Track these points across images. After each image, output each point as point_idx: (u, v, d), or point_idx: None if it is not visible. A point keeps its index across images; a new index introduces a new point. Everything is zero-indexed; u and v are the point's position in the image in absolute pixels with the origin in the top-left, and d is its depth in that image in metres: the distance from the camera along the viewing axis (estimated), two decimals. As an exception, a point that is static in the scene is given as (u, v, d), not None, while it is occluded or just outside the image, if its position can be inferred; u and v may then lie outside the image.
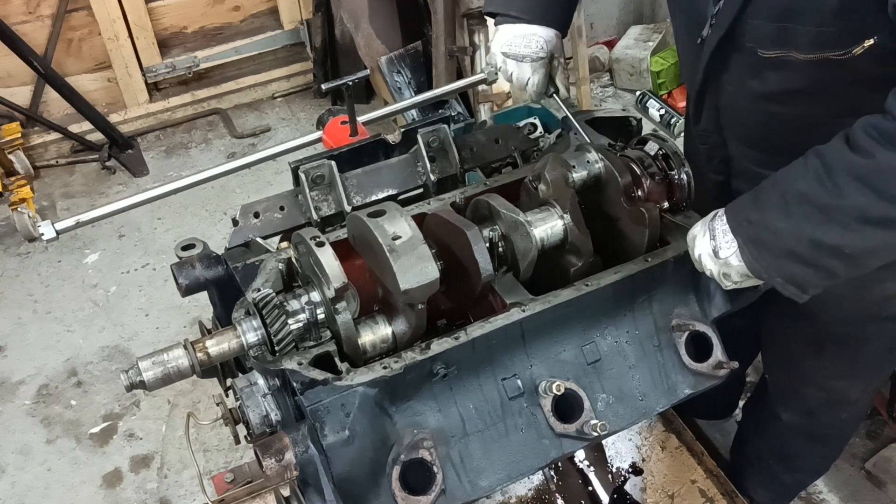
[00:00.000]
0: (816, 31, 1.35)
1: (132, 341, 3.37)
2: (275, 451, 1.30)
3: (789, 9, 1.37)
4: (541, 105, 3.24)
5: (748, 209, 1.39)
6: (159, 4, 4.44)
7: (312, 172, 1.71)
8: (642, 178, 1.58)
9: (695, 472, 2.24)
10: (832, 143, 1.30)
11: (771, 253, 1.35)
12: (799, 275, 1.34)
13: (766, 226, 1.34)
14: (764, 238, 1.35)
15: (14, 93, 4.22)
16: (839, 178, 1.26)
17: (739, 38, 1.47)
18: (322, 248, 1.31)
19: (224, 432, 2.88)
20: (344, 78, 1.82)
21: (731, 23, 1.46)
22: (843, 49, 1.34)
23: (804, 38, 1.37)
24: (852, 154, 1.25)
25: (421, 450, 1.37)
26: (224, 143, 4.53)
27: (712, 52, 1.55)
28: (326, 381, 1.27)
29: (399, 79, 3.56)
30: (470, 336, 1.38)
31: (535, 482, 2.24)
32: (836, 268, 1.32)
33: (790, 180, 1.33)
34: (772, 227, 1.33)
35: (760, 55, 1.45)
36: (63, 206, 4.13)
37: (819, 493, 2.70)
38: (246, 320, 1.33)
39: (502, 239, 1.53)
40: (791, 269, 1.34)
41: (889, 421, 2.78)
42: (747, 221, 1.37)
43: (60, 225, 1.80)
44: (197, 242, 1.64)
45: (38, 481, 2.89)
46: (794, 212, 1.30)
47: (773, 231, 1.33)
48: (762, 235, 1.35)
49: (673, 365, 1.59)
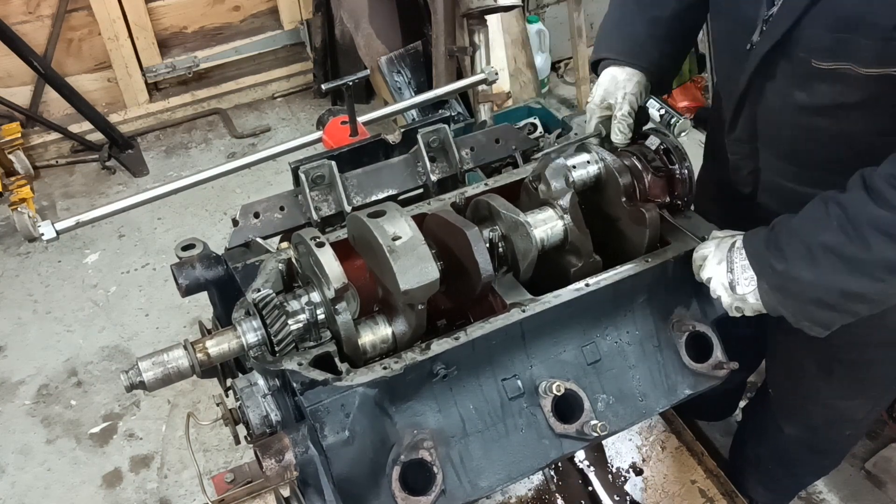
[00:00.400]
0: (883, 44, 1.29)
1: (132, 341, 3.37)
2: (275, 452, 1.30)
3: (854, 19, 1.30)
4: (540, 105, 3.24)
5: (771, 255, 1.38)
6: (159, 4, 4.44)
7: (312, 172, 1.70)
8: (644, 172, 1.57)
9: (695, 472, 2.24)
10: (852, 192, 1.30)
11: (797, 300, 1.37)
12: (825, 318, 1.38)
13: (792, 276, 1.35)
14: (791, 287, 1.36)
15: (14, 93, 4.22)
16: (865, 231, 1.26)
17: (792, 46, 1.40)
18: (322, 249, 1.31)
19: (224, 432, 2.88)
20: (344, 78, 1.82)
21: (786, 30, 1.39)
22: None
23: (868, 52, 1.31)
24: (876, 207, 1.25)
25: (421, 450, 1.37)
26: (224, 143, 4.53)
27: (761, 59, 1.47)
28: (326, 381, 1.28)
29: (399, 79, 3.56)
30: (470, 336, 1.38)
31: (535, 482, 2.24)
32: (860, 310, 1.35)
33: (813, 231, 1.33)
34: (798, 278, 1.34)
35: (814, 66, 1.38)
36: (63, 206, 4.13)
37: (819, 493, 2.70)
38: (246, 320, 1.33)
39: (502, 239, 1.53)
40: (818, 315, 1.37)
41: (889, 421, 2.79)
42: (771, 269, 1.37)
43: (60, 225, 1.80)
44: (197, 242, 1.64)
45: (38, 481, 2.89)
46: (821, 263, 1.31)
47: (800, 281, 1.34)
48: (788, 285, 1.36)
49: (673, 365, 1.59)
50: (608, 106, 1.72)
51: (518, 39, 4.04)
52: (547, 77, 4.71)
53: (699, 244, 1.53)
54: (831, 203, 1.32)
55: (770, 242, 1.39)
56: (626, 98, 1.68)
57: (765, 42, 1.44)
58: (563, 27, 4.49)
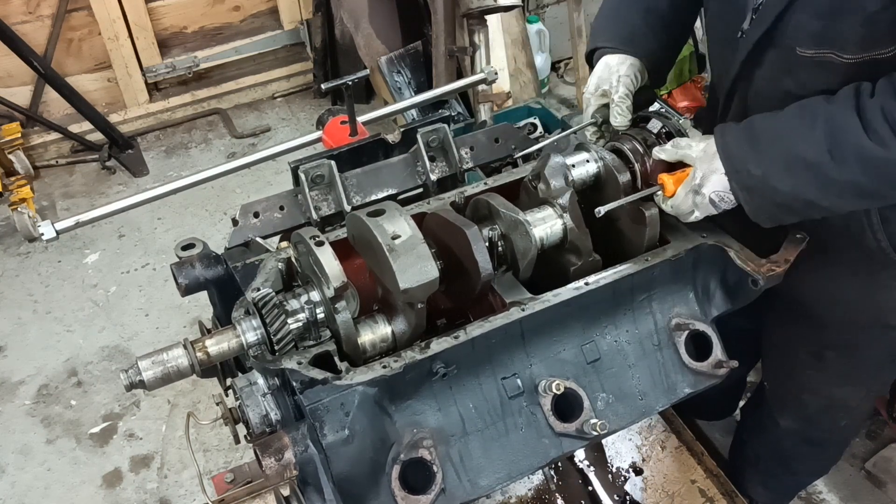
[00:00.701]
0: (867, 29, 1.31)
1: (132, 341, 3.37)
2: (274, 451, 1.30)
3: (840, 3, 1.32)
4: (540, 105, 3.25)
5: (748, 160, 1.41)
6: (159, 4, 4.44)
7: (312, 172, 1.70)
8: (644, 156, 1.57)
9: (695, 472, 2.24)
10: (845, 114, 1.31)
11: (763, 201, 1.42)
12: (782, 218, 1.46)
13: (766, 182, 1.39)
14: (761, 191, 1.41)
15: (14, 93, 4.22)
16: (848, 157, 1.30)
17: (780, 34, 1.43)
18: (322, 248, 1.31)
19: (224, 432, 2.88)
20: (344, 78, 1.82)
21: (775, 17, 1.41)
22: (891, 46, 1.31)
23: (851, 38, 1.33)
24: (865, 138, 1.28)
25: (421, 449, 1.37)
26: (224, 143, 4.53)
27: (752, 47, 1.49)
28: (326, 380, 1.27)
29: (399, 79, 3.56)
30: (469, 335, 1.38)
31: (535, 482, 2.24)
32: (817, 216, 1.43)
33: (796, 143, 1.36)
34: (771, 185, 1.38)
35: (798, 54, 1.41)
36: (63, 206, 4.14)
37: (819, 493, 2.70)
38: (245, 320, 1.33)
39: (502, 238, 1.53)
40: (777, 214, 1.44)
41: (889, 421, 2.78)
42: (747, 172, 1.41)
43: (60, 225, 1.80)
44: (197, 242, 1.64)
45: (38, 481, 2.89)
46: (798, 176, 1.36)
47: (774, 189, 1.39)
48: (761, 188, 1.41)
49: (673, 364, 1.59)
50: (603, 93, 1.71)
51: (518, 39, 4.04)
52: (547, 77, 4.71)
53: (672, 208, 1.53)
54: (820, 119, 1.34)
55: (748, 143, 1.42)
56: (621, 81, 1.67)
57: (755, 30, 1.47)
58: (563, 27, 4.49)
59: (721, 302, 1.61)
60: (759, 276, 1.49)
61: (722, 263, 1.57)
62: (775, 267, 1.51)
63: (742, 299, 1.59)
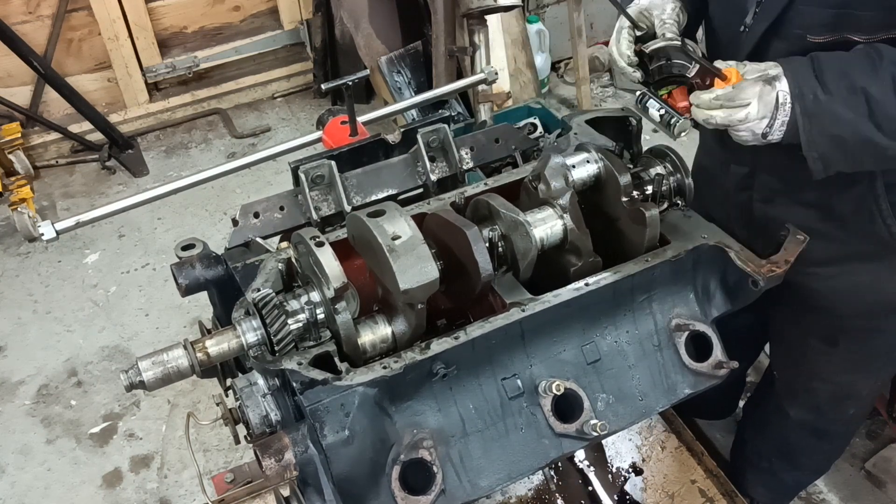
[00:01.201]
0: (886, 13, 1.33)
1: (132, 341, 3.37)
2: (274, 451, 1.30)
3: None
4: (540, 105, 3.24)
5: (814, 85, 1.39)
6: (159, 4, 4.44)
7: (312, 172, 1.70)
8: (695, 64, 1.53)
9: (695, 472, 2.24)
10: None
11: (821, 131, 1.40)
12: (831, 158, 1.42)
13: (829, 108, 1.38)
14: (822, 118, 1.39)
15: (14, 93, 4.22)
16: None
17: (786, 25, 1.44)
18: (322, 248, 1.31)
19: (224, 432, 2.88)
20: (344, 78, 1.82)
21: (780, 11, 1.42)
22: None
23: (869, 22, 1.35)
24: None
25: (421, 450, 1.37)
26: (224, 143, 4.54)
27: (756, 40, 1.50)
28: (326, 381, 1.27)
29: (399, 79, 3.56)
30: (470, 336, 1.38)
31: (535, 482, 2.24)
32: (867, 163, 1.43)
33: (861, 77, 1.35)
34: (835, 112, 1.37)
35: (809, 41, 1.42)
36: (63, 206, 4.14)
37: (819, 493, 2.71)
38: (245, 320, 1.33)
39: (502, 239, 1.52)
40: (828, 152, 1.41)
41: (889, 421, 2.79)
42: (813, 96, 1.39)
43: (60, 225, 1.80)
44: (197, 242, 1.64)
45: (38, 481, 2.89)
46: (859, 107, 1.35)
47: (835, 115, 1.37)
48: (822, 114, 1.39)
49: (673, 364, 1.59)
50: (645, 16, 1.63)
51: (518, 39, 4.04)
52: (547, 77, 4.71)
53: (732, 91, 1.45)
54: (887, 62, 1.34)
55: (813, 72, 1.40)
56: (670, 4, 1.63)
57: (759, 24, 1.48)
58: (563, 27, 4.49)
59: (721, 302, 1.61)
60: (759, 277, 1.49)
61: (722, 264, 1.57)
62: (776, 268, 1.51)
63: (742, 300, 1.59)
